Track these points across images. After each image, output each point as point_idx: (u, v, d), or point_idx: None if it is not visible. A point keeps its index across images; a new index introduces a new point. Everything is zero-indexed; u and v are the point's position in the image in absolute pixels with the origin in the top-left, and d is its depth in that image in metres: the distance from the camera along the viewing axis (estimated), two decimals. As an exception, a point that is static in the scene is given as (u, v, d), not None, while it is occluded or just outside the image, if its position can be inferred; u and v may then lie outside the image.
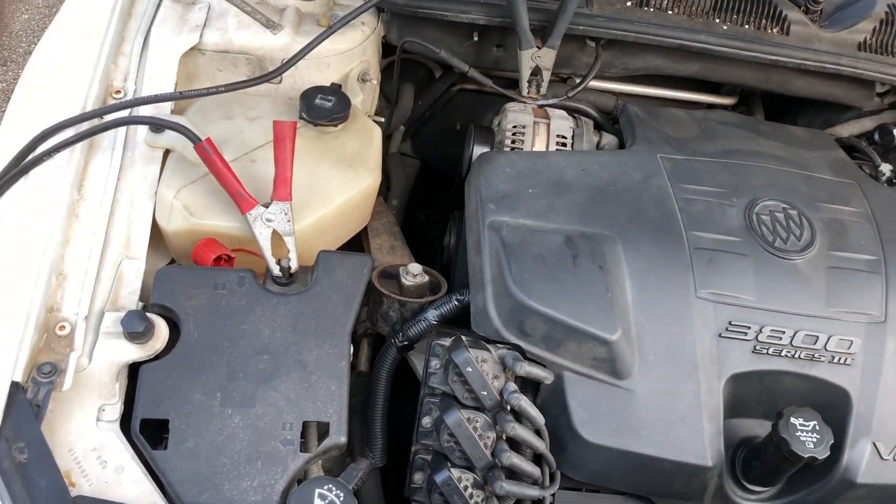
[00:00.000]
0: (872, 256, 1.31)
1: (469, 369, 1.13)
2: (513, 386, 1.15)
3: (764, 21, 1.58)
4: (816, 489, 1.24)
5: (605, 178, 1.33)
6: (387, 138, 1.73)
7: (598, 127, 1.54)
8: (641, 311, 1.21)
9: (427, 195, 1.98)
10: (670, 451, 1.18)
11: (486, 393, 1.13)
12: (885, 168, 1.54)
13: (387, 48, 1.64)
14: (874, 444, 1.22)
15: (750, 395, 1.25)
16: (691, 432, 1.18)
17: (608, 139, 1.48)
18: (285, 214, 1.19)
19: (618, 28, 1.53)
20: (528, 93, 1.52)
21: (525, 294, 1.17)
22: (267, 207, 1.19)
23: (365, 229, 1.46)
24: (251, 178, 1.26)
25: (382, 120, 1.59)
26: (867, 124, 1.69)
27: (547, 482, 1.19)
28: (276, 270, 1.18)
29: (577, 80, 1.63)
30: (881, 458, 1.23)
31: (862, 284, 1.28)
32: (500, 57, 1.58)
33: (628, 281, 1.23)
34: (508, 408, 1.15)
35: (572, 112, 1.53)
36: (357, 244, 1.47)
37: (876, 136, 1.63)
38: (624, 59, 1.61)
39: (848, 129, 1.69)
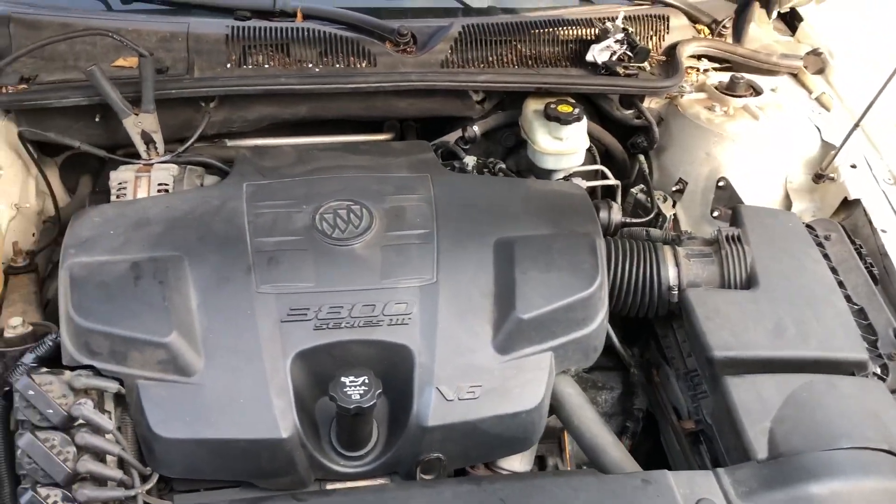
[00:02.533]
0: (425, 230, 1.50)
1: (31, 392, 1.25)
2: (82, 400, 1.27)
3: (353, 58, 1.82)
4: (401, 443, 1.37)
5: (185, 210, 1.50)
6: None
7: (220, 174, 1.73)
8: (205, 313, 1.37)
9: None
10: (241, 430, 1.31)
11: (51, 411, 1.25)
12: (469, 160, 1.77)
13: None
14: (438, 389, 1.37)
15: (326, 368, 1.38)
16: (259, 409, 1.32)
17: (210, 180, 1.66)
18: None
19: (217, 85, 1.74)
20: (150, 156, 1.70)
21: (83, 317, 1.32)
22: None
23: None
24: None
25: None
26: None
27: (137, 483, 1.29)
28: None
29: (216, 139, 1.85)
30: (446, 399, 1.37)
31: (415, 255, 1.47)
32: (129, 129, 1.76)
33: (193, 290, 1.38)
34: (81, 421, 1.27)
35: (191, 165, 1.72)
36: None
37: (465, 135, 1.86)
38: (239, 112, 1.82)
39: (457, 136, 1.92)
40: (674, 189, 1.97)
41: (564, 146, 1.80)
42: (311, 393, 1.40)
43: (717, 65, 2.11)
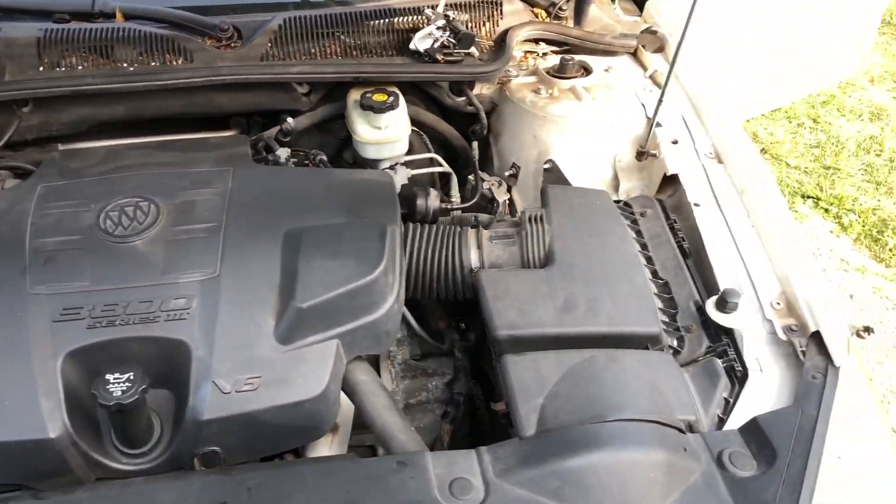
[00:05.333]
0: (213, 224, 1.49)
1: None
2: None
3: (169, 55, 1.82)
4: (180, 438, 1.35)
5: (-29, 217, 1.50)
6: None
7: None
8: (-25, 318, 1.36)
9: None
10: (7, 432, 1.29)
11: None
12: (282, 153, 1.76)
13: None
14: (214, 382, 1.36)
15: (103, 366, 1.37)
16: (25, 410, 1.30)
17: (13, 184, 1.65)
18: None
19: (25, 88, 1.74)
20: (-42, 164, 1.70)
21: None
22: None
23: None
24: None
25: None
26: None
27: None
28: None
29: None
30: (223, 392, 1.36)
31: (199, 249, 1.46)
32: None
33: (-34, 298, 1.38)
34: None
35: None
36: None
37: (282, 128, 1.86)
38: (55, 115, 1.81)
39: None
40: (508, 174, 1.97)
41: (384, 135, 1.80)
42: (88, 392, 1.39)
43: (557, 48, 2.12)
